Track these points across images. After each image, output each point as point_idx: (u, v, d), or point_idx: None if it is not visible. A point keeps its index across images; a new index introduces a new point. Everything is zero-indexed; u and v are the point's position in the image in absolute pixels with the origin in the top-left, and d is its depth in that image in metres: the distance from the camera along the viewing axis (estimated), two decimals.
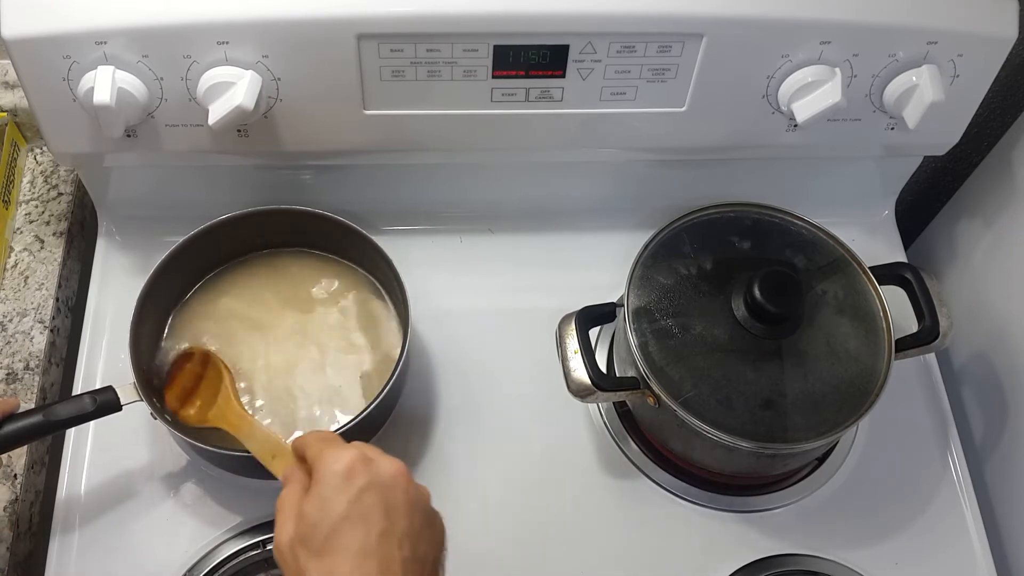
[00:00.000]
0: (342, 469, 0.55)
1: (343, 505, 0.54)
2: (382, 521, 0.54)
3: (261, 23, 0.69)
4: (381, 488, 0.55)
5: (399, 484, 0.56)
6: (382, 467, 0.56)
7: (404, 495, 0.55)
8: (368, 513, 0.54)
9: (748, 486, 0.83)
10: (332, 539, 0.53)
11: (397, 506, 0.55)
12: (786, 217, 0.81)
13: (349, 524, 0.53)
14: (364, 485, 0.54)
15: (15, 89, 0.90)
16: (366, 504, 0.54)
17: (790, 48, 0.73)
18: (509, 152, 0.85)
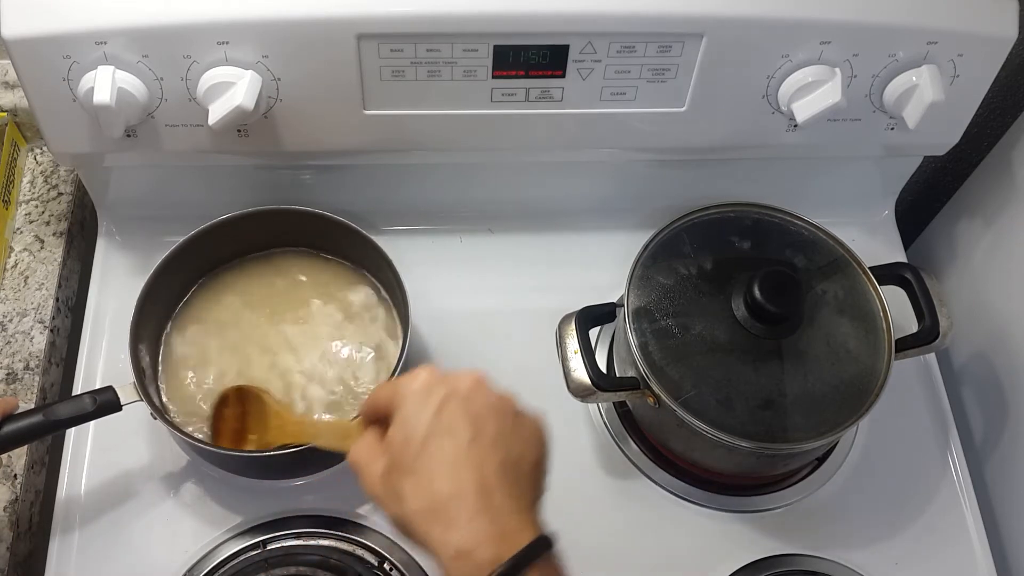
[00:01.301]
0: (420, 387, 0.55)
1: (427, 420, 0.53)
2: (468, 430, 0.53)
3: (261, 23, 0.69)
4: (461, 399, 0.54)
5: (479, 392, 0.55)
6: (458, 378, 0.55)
7: (486, 401, 0.55)
8: (453, 424, 0.53)
9: (748, 486, 0.83)
10: (423, 455, 0.52)
11: (481, 413, 0.54)
12: (786, 217, 0.81)
13: (436, 438, 0.53)
14: (444, 398, 0.54)
15: (15, 89, 0.90)
16: (450, 416, 0.53)
17: (790, 48, 0.73)
18: (509, 152, 0.85)
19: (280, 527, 0.77)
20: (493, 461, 0.52)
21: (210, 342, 0.81)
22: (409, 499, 0.52)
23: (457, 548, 0.50)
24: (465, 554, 0.50)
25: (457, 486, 0.51)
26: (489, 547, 0.50)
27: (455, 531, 0.51)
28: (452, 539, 0.50)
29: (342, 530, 0.77)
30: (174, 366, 0.80)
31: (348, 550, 0.77)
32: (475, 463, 0.52)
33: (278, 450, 0.76)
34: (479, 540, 0.50)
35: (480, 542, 0.50)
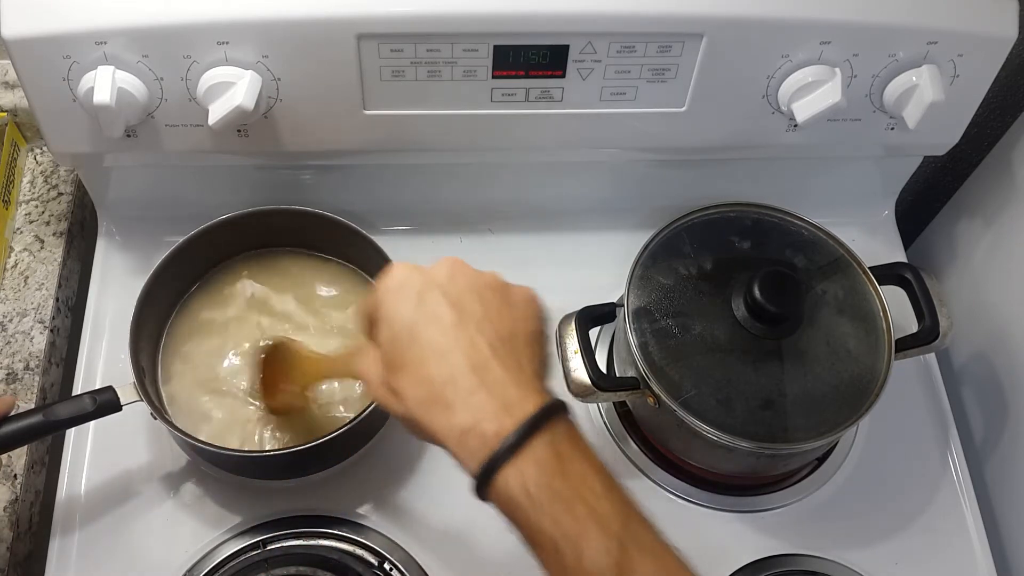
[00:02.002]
0: (397, 283, 0.53)
1: (409, 312, 0.52)
2: (452, 313, 0.51)
3: (261, 23, 0.69)
4: (438, 285, 0.53)
5: (458, 274, 0.53)
6: (434, 267, 0.54)
7: (467, 282, 0.53)
8: (436, 311, 0.52)
9: (748, 486, 0.83)
10: (411, 347, 0.51)
11: (463, 295, 0.52)
12: (786, 217, 0.81)
13: (421, 327, 0.51)
14: (420, 288, 0.53)
15: (15, 89, 0.90)
16: (431, 303, 0.52)
17: (790, 48, 0.73)
18: (509, 152, 0.85)
19: (280, 527, 0.77)
20: (483, 339, 0.51)
21: (210, 342, 0.81)
22: (407, 394, 0.51)
23: (460, 429, 0.49)
24: (468, 432, 0.49)
25: (449, 370, 0.50)
26: (492, 421, 0.48)
27: (455, 413, 0.49)
28: (454, 422, 0.49)
29: (342, 530, 0.77)
30: (174, 366, 0.80)
31: (348, 550, 0.77)
32: (464, 344, 0.51)
33: (278, 450, 0.76)
34: (480, 416, 0.49)
35: (481, 418, 0.48)
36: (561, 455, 0.48)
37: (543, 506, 0.47)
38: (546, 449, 0.48)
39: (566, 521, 0.47)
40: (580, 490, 0.48)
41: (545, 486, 0.47)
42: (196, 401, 0.79)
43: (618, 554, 0.46)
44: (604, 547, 0.46)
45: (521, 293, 0.55)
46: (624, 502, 0.49)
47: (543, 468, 0.47)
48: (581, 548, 0.46)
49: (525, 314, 0.54)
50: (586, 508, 0.47)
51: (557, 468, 0.48)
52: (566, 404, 0.51)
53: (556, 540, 0.47)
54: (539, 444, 0.48)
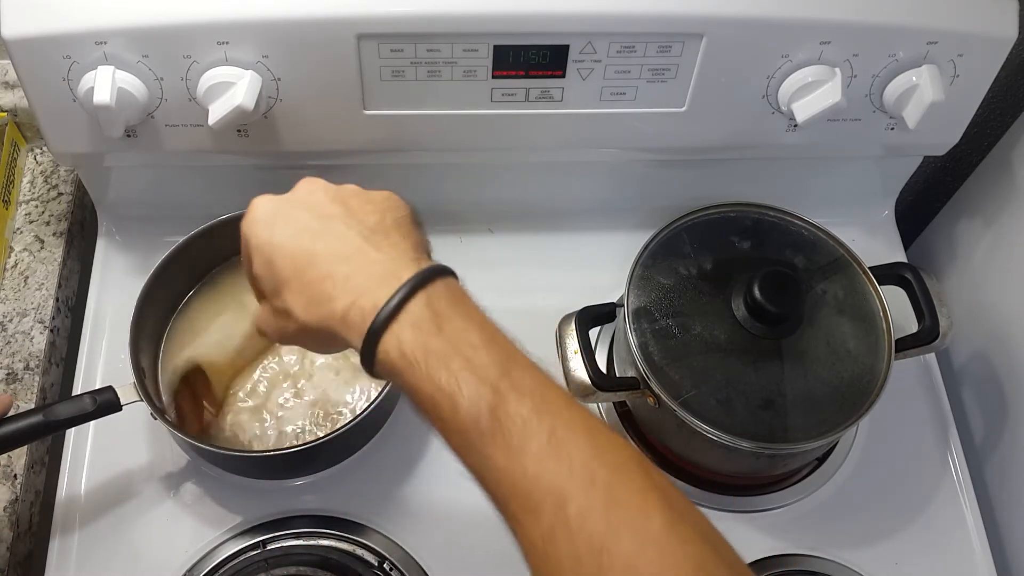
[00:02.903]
0: (254, 215, 0.54)
1: (272, 235, 0.52)
2: (314, 220, 0.52)
3: (261, 23, 0.69)
4: (297, 201, 0.53)
5: (315, 190, 0.54)
6: (291, 193, 0.55)
7: (324, 193, 0.54)
8: (298, 223, 0.52)
9: (748, 486, 0.83)
10: (283, 265, 0.51)
11: (322, 203, 0.53)
12: (786, 217, 0.81)
13: (287, 241, 0.52)
14: (279, 213, 0.53)
15: (15, 89, 0.90)
16: (292, 219, 0.52)
17: (790, 48, 0.73)
18: (509, 152, 0.85)
19: (280, 527, 0.77)
20: (352, 231, 0.51)
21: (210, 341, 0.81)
22: (294, 307, 0.51)
23: (342, 311, 0.49)
24: (349, 310, 0.49)
25: (324, 267, 0.50)
26: (369, 296, 0.48)
27: (337, 300, 0.49)
28: (337, 308, 0.49)
29: (342, 530, 0.77)
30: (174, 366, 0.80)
31: (348, 550, 0.77)
32: (333, 240, 0.51)
33: (278, 450, 0.76)
34: (358, 294, 0.49)
35: (359, 295, 0.49)
36: (439, 314, 0.48)
37: (419, 365, 0.47)
38: (423, 310, 0.48)
39: (442, 376, 0.47)
40: (458, 345, 0.47)
41: (421, 346, 0.47)
42: None
43: (492, 399, 0.46)
44: (477, 394, 0.46)
45: (380, 193, 0.56)
46: (506, 351, 0.49)
47: (419, 329, 0.48)
48: (456, 399, 0.46)
49: (388, 205, 0.55)
50: (462, 361, 0.47)
51: (433, 327, 0.48)
52: (450, 268, 0.51)
53: (433, 396, 0.47)
54: (415, 307, 0.48)
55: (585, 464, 0.45)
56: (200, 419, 0.78)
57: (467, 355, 0.47)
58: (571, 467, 0.45)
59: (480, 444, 0.46)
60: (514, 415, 0.46)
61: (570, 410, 0.47)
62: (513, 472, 0.46)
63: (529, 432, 0.45)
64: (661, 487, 0.45)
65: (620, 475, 0.45)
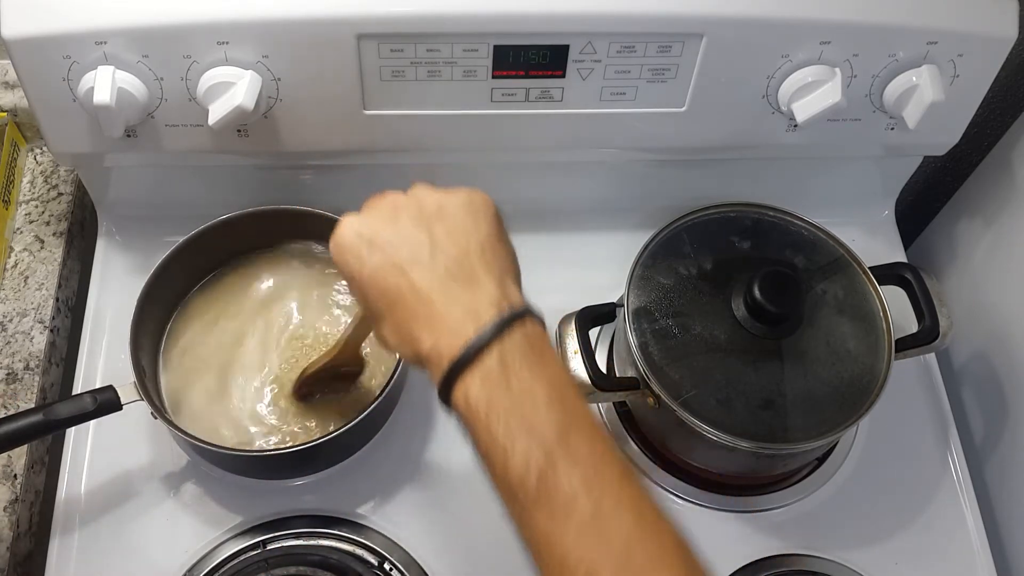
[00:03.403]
0: (344, 240, 0.55)
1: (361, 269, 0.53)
2: (402, 253, 0.53)
3: (261, 23, 0.69)
4: (383, 229, 0.54)
5: (399, 213, 0.54)
6: (374, 213, 0.55)
7: (408, 218, 0.54)
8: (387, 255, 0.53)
9: (748, 486, 0.83)
10: (376, 299, 0.53)
11: (408, 230, 0.53)
12: (786, 217, 0.81)
13: (378, 278, 0.53)
14: (369, 238, 0.54)
15: (15, 89, 0.90)
16: (380, 250, 0.53)
17: (790, 48, 0.73)
18: (509, 152, 0.85)
19: (280, 527, 0.77)
20: (434, 270, 0.52)
21: (210, 341, 0.81)
22: (390, 340, 0.53)
23: (427, 353, 0.51)
24: (431, 352, 0.50)
25: (409, 309, 0.52)
26: (449, 339, 0.50)
27: (423, 343, 0.51)
28: (423, 349, 0.51)
29: (342, 530, 0.77)
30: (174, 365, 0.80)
31: (348, 550, 0.77)
32: (416, 281, 0.52)
33: (278, 449, 0.76)
34: (439, 337, 0.50)
35: (439, 338, 0.50)
36: (509, 366, 0.48)
37: (481, 417, 0.48)
38: (494, 363, 0.49)
39: (499, 431, 0.47)
40: (521, 401, 0.48)
41: (485, 398, 0.48)
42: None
43: (543, 462, 0.46)
44: (528, 455, 0.46)
45: (462, 201, 0.56)
46: (570, 413, 0.49)
47: (487, 381, 0.48)
48: (507, 457, 0.47)
49: (472, 223, 0.55)
50: (520, 420, 0.47)
51: (502, 380, 0.48)
52: (532, 309, 0.51)
53: (489, 448, 0.48)
54: (488, 358, 0.49)
55: (626, 546, 0.46)
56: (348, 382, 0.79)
57: (527, 414, 0.48)
58: (610, 546, 0.46)
59: (525, 504, 0.47)
60: (563, 483, 0.46)
61: (621, 485, 0.48)
62: (552, 537, 0.46)
63: (575, 503, 0.46)
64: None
65: (657, 564, 0.47)
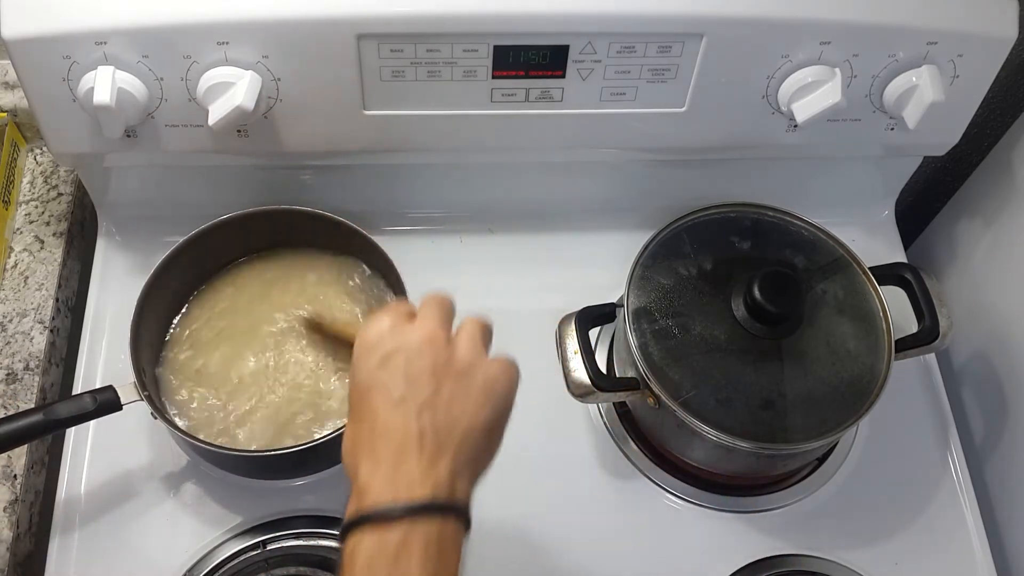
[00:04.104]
0: (370, 338, 0.55)
1: (366, 375, 0.54)
2: (401, 388, 0.53)
3: (261, 23, 0.69)
4: (407, 354, 0.54)
5: (426, 351, 0.55)
6: (411, 332, 0.55)
7: (431, 362, 0.54)
8: (388, 382, 0.54)
9: (748, 486, 0.83)
10: (360, 405, 0.54)
11: (421, 373, 0.54)
12: (786, 217, 0.81)
13: (371, 392, 0.54)
14: (388, 352, 0.54)
15: (15, 89, 0.90)
16: (389, 371, 0.54)
17: (790, 48, 0.73)
18: (509, 152, 0.85)
19: (280, 527, 0.77)
20: (415, 428, 0.52)
21: (210, 341, 0.81)
22: (347, 433, 0.55)
23: (360, 481, 0.52)
24: (362, 486, 0.52)
25: (375, 440, 0.52)
26: (378, 491, 0.51)
27: (360, 471, 0.52)
28: (359, 473, 0.52)
29: None
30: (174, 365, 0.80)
31: None
32: (397, 423, 0.52)
33: (278, 450, 0.76)
34: (371, 485, 0.51)
35: (371, 486, 0.51)
36: (404, 548, 0.49)
37: (355, 573, 0.49)
38: (396, 536, 0.49)
39: None
40: None
41: (366, 561, 0.49)
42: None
43: None
44: None
45: (489, 376, 0.56)
46: None
47: (380, 548, 0.49)
48: None
49: (479, 402, 0.55)
50: None
51: (390, 555, 0.49)
52: (463, 510, 0.52)
53: None
54: (394, 529, 0.50)
55: None
56: None
57: None
58: None
59: None
60: None
61: None
62: None
63: None
64: None
65: None
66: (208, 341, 0.81)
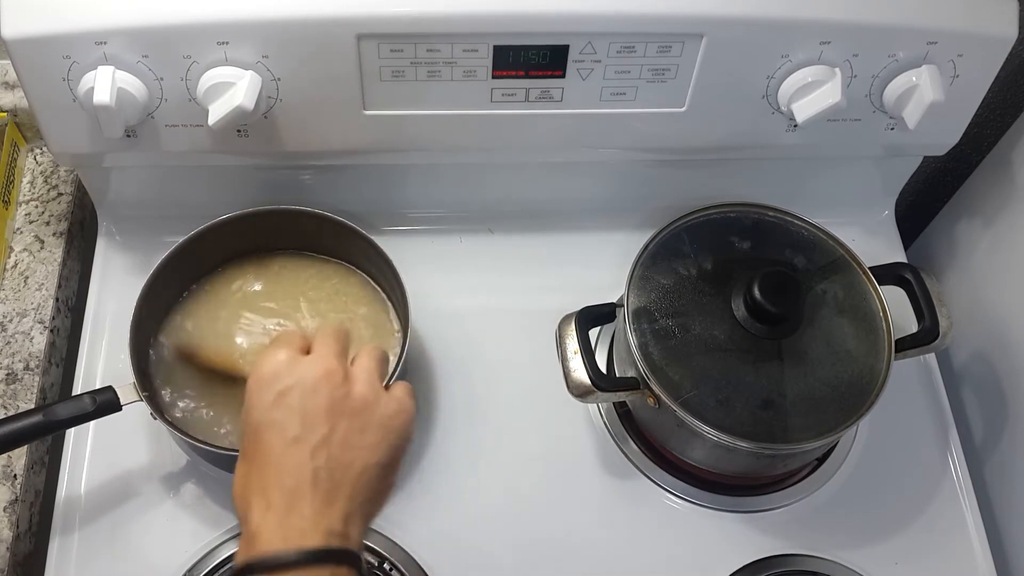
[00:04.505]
0: (265, 374, 0.54)
1: (259, 411, 0.53)
2: (296, 427, 0.52)
3: (261, 23, 0.69)
4: (302, 392, 0.53)
5: (322, 387, 0.54)
6: (307, 367, 0.54)
7: (327, 399, 0.53)
8: (282, 420, 0.53)
9: (748, 486, 0.83)
10: (253, 445, 0.53)
11: (317, 411, 0.53)
12: (786, 217, 0.81)
13: (265, 430, 0.53)
14: (283, 389, 0.53)
15: (15, 89, 0.90)
16: (283, 409, 0.53)
17: (790, 48, 0.73)
18: (509, 152, 0.85)
19: None
20: (310, 464, 0.52)
21: (210, 341, 0.81)
22: (238, 472, 0.54)
23: (248, 527, 0.51)
24: (253, 531, 0.51)
25: (266, 481, 0.52)
26: (265, 540, 0.50)
27: (252, 515, 0.51)
28: (249, 519, 0.51)
29: None
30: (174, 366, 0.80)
31: None
32: (290, 464, 0.52)
33: None
34: (263, 529, 0.50)
35: (263, 530, 0.50)
36: None
37: None
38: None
39: None
40: None
41: None
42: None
43: None
44: None
45: (385, 413, 0.56)
46: None
47: None
48: None
49: (375, 440, 0.55)
50: None
51: None
52: (356, 554, 0.52)
53: None
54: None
55: None
56: None
57: None
58: None
59: None
60: None
61: None
62: None
63: None
64: None
65: None
66: (207, 341, 0.81)
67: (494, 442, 0.83)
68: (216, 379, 0.78)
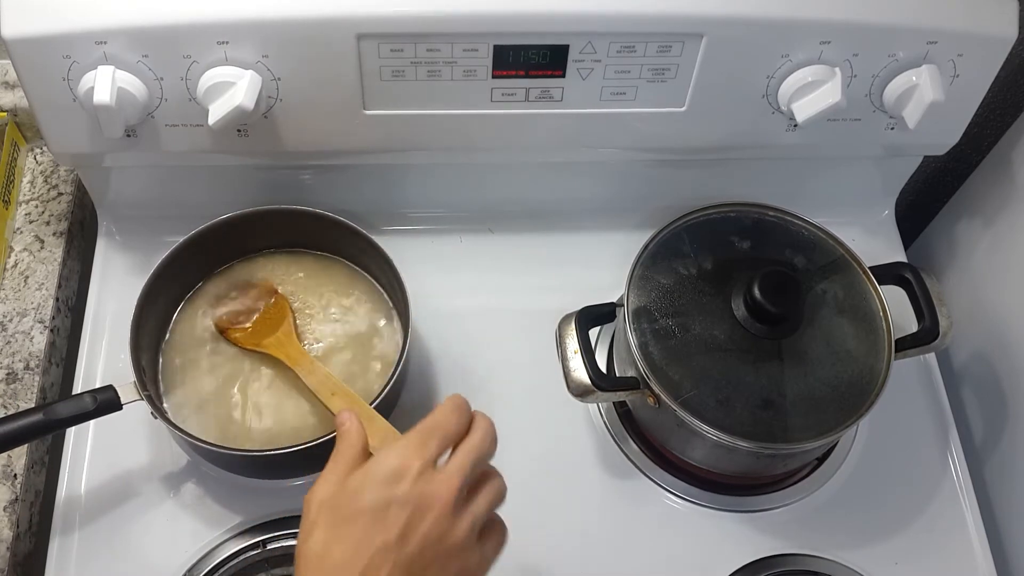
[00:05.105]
0: (391, 469, 0.55)
1: (371, 501, 0.54)
2: (392, 534, 0.53)
3: (261, 23, 0.69)
4: (414, 505, 0.54)
5: (433, 511, 0.54)
6: (430, 486, 0.54)
7: (432, 524, 0.54)
8: (387, 521, 0.53)
9: (748, 486, 0.83)
10: (346, 523, 0.54)
11: (416, 530, 0.53)
12: (786, 217, 0.81)
13: (365, 520, 0.53)
14: (401, 495, 0.54)
15: (15, 89, 0.90)
16: (392, 512, 0.53)
17: (790, 48, 0.73)
18: (509, 152, 0.85)
19: (280, 527, 0.77)
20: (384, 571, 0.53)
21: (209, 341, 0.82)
22: (309, 541, 0.54)
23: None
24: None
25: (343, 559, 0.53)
26: None
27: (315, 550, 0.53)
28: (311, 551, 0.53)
29: None
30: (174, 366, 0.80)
31: None
32: (368, 567, 0.52)
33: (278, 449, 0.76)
34: None
35: None
36: None
37: None
38: None
39: None
40: None
41: None
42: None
43: None
44: None
45: (467, 566, 0.56)
46: None
47: None
48: None
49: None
50: None
51: None
52: None
53: None
54: None
55: None
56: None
57: None
58: None
59: None
60: None
61: None
62: None
63: None
64: None
65: None
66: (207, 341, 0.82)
67: None
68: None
